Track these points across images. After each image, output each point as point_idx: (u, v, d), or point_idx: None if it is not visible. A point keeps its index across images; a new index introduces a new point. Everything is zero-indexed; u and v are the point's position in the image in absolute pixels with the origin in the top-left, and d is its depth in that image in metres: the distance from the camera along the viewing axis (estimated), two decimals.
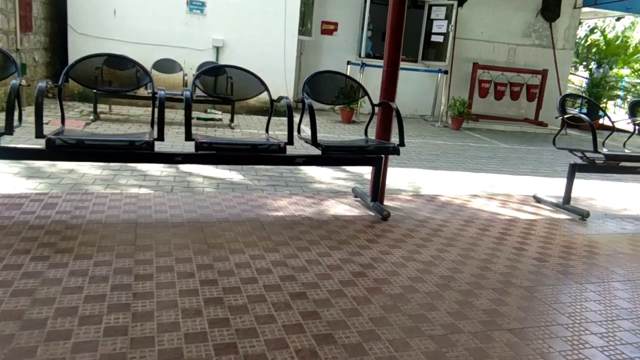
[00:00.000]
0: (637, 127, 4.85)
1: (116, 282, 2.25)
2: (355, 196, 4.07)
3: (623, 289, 2.74)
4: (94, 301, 2.07)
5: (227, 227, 3.09)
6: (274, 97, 3.65)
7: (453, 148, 7.44)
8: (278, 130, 6.92)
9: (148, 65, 6.90)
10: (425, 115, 10.77)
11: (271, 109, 3.69)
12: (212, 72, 4.69)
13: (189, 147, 3.23)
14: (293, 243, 2.94)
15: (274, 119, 4.21)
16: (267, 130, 3.79)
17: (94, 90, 6.02)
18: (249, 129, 7.32)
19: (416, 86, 10.47)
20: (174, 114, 7.69)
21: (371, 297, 2.35)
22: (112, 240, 2.71)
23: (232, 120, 7.41)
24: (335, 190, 4.45)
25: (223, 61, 8.27)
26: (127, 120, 6.95)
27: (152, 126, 3.35)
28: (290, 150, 3.34)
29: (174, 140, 5.70)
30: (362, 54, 10.17)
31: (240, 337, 1.91)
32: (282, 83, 8.49)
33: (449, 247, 3.13)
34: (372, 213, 3.68)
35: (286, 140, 3.32)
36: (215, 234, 2.96)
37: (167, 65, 7.51)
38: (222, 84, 4.72)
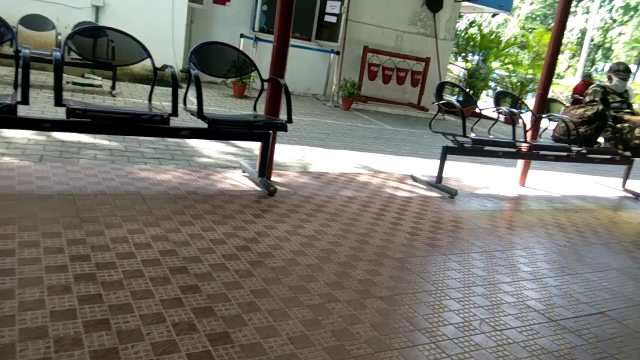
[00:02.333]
0: (500, 115, 5.40)
1: None
2: (243, 171, 4.06)
3: (480, 259, 3.08)
4: None
5: (103, 200, 2.92)
6: (161, 65, 3.47)
7: (342, 128, 7.68)
8: (165, 102, 6.61)
9: (14, 20, 6.16)
10: (318, 95, 10.96)
11: (154, 78, 3.51)
12: (89, 33, 4.32)
13: (62, 114, 2.97)
14: (176, 217, 2.86)
15: (162, 90, 4.02)
16: (149, 100, 3.60)
17: None
18: (133, 97, 6.89)
19: (310, 65, 10.57)
20: (46, 77, 6.99)
21: (253, 270, 2.39)
22: None
23: (113, 87, 6.90)
24: (223, 165, 4.39)
25: (104, 23, 7.62)
26: None
27: (16, 88, 3.02)
28: (177, 123, 3.23)
29: (45, 106, 5.19)
30: (256, 28, 10.01)
31: (113, 313, 1.84)
32: (169, 51, 8.08)
33: (331, 222, 3.27)
34: (259, 188, 3.70)
35: (170, 112, 3.20)
36: (90, 207, 2.78)
37: (37, 22, 6.74)
38: (102, 48, 4.36)
